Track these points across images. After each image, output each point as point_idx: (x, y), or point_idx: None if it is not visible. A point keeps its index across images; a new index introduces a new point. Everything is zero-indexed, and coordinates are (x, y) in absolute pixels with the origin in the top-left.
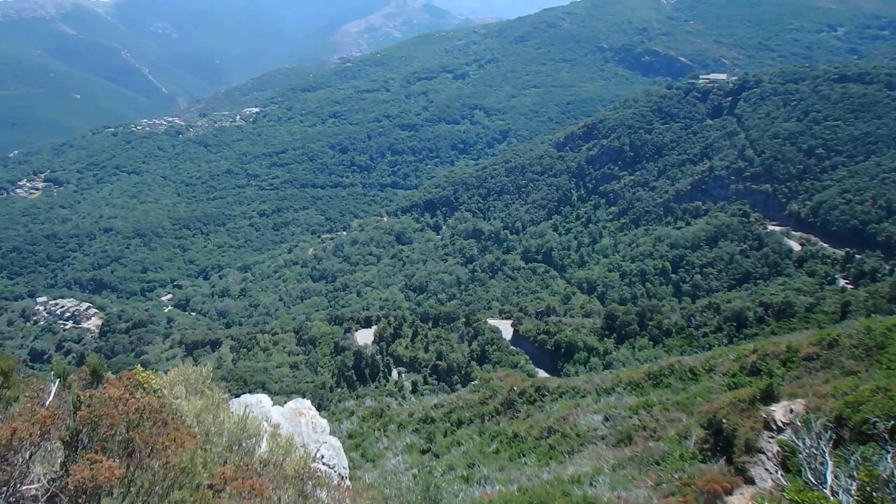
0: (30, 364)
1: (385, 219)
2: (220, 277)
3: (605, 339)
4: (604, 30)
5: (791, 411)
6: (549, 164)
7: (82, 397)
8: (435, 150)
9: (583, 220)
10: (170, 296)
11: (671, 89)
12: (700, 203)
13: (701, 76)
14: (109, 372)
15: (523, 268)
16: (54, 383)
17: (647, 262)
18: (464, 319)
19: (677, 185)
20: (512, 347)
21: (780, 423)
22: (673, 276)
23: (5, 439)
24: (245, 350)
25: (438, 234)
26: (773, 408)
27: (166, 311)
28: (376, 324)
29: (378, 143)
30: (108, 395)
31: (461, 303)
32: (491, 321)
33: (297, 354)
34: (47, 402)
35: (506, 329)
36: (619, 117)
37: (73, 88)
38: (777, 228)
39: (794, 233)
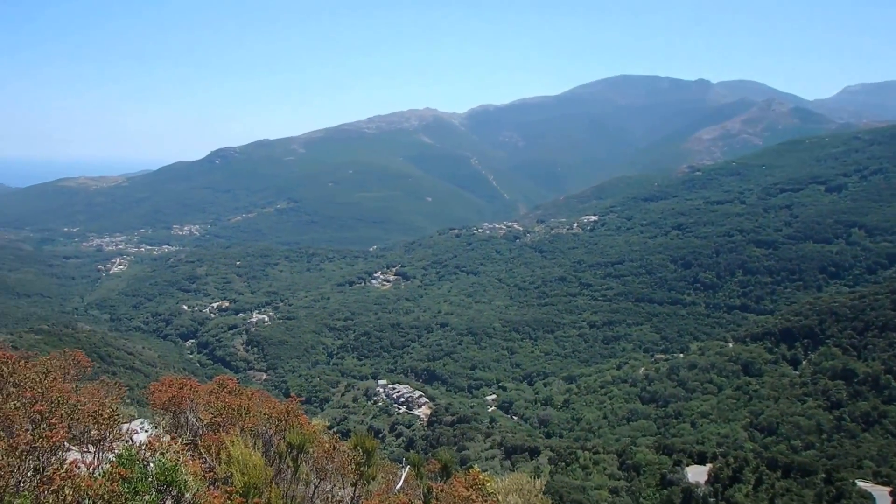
0: None
1: (731, 345)
2: (545, 385)
3: None
4: None
5: None
6: None
7: (434, 490)
8: (797, 272)
9: None
10: (494, 396)
11: None
12: None
13: None
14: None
15: None
16: (405, 469)
17: None
18: (824, 475)
19: None
20: None
21: None
22: None
23: None
24: (563, 464)
25: (796, 369)
26: None
27: (490, 410)
28: (712, 461)
29: (727, 260)
30: (456, 494)
31: (821, 455)
32: (861, 484)
33: (619, 479)
34: (397, 487)
35: (882, 497)
36: None
37: (426, 192)
38: None
39: None
